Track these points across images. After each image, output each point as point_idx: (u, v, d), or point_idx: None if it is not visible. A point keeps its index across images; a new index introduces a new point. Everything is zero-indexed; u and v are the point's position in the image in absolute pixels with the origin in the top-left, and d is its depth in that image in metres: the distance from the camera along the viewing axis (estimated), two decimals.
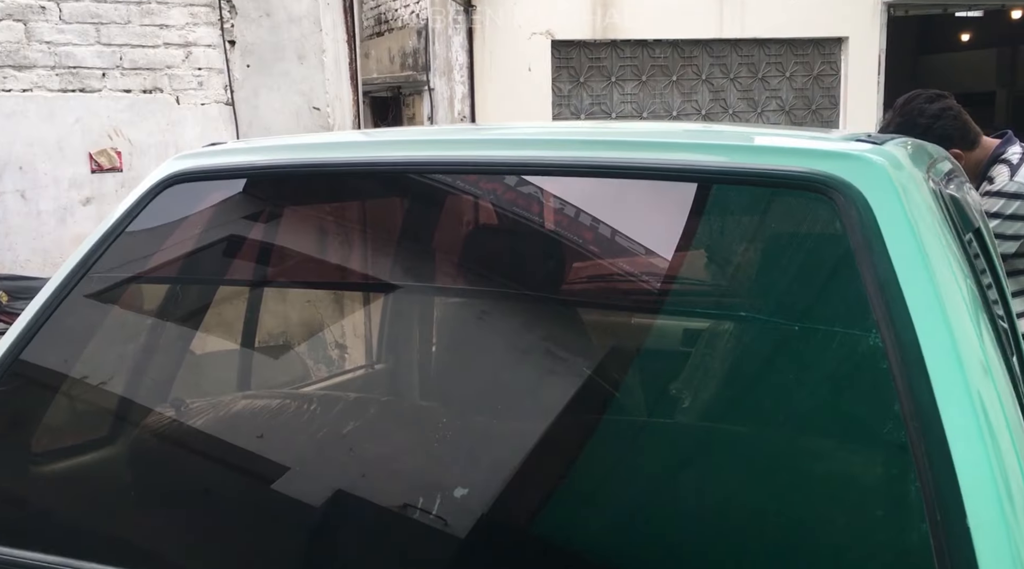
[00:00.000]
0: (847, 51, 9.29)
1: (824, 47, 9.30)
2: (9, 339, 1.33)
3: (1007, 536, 0.82)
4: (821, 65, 9.33)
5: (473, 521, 1.02)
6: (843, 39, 9.25)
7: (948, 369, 0.89)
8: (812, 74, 9.32)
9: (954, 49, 19.85)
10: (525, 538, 1.01)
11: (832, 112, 9.53)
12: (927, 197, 1.06)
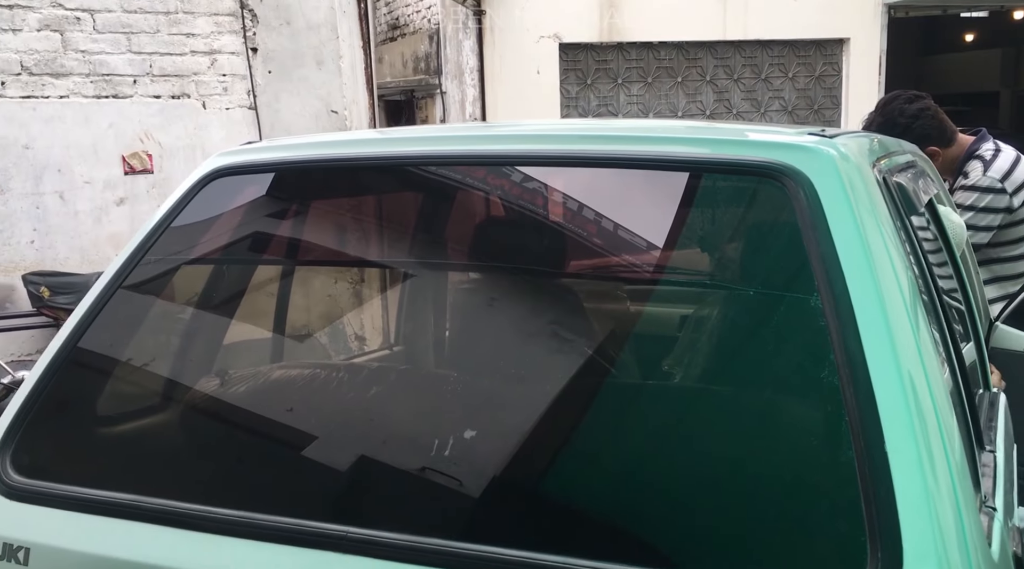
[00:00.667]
0: (848, 52, 9.46)
1: (826, 48, 9.47)
2: (75, 318, 1.54)
3: (918, 459, 1.02)
4: (823, 66, 9.51)
5: (476, 443, 1.26)
6: (844, 40, 9.42)
7: (875, 325, 1.09)
8: (814, 75, 9.49)
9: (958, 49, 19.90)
10: (519, 467, 1.23)
11: (834, 112, 9.70)
12: (869, 184, 1.26)
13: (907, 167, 1.70)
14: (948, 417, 1.11)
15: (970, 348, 1.90)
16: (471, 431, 1.28)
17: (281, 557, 1.18)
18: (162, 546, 1.26)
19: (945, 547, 0.99)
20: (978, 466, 1.32)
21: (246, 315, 1.75)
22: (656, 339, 1.44)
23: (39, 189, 4.28)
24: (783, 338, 1.19)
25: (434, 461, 1.23)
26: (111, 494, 1.33)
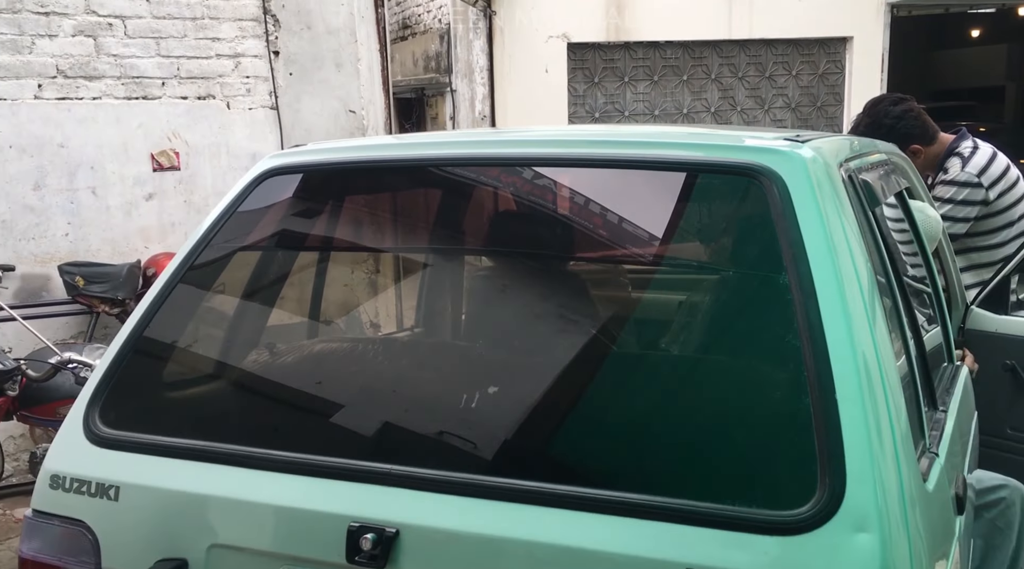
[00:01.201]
0: (851, 50, 9.64)
1: (829, 47, 9.65)
2: (148, 298, 1.77)
3: (861, 407, 1.24)
4: (826, 64, 9.69)
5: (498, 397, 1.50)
6: (847, 39, 9.60)
7: (832, 299, 1.31)
8: (818, 73, 9.68)
9: (965, 45, 19.95)
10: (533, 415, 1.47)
11: (837, 109, 9.88)
12: (834, 182, 1.47)
13: (877, 166, 1.91)
14: (892, 375, 1.33)
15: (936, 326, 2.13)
16: (493, 387, 1.51)
17: (336, 489, 1.41)
18: (224, 481, 1.49)
19: (881, 474, 1.21)
20: (924, 420, 1.54)
21: (290, 296, 1.99)
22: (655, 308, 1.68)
23: (73, 185, 4.52)
24: (757, 308, 1.42)
25: (463, 411, 1.47)
26: (182, 440, 1.57)
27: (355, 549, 1.36)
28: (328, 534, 1.38)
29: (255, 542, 1.46)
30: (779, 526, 1.20)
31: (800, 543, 1.19)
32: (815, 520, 1.19)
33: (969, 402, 2.19)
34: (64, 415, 3.44)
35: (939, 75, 19.78)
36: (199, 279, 1.80)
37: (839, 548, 1.17)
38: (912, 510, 1.24)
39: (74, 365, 3.22)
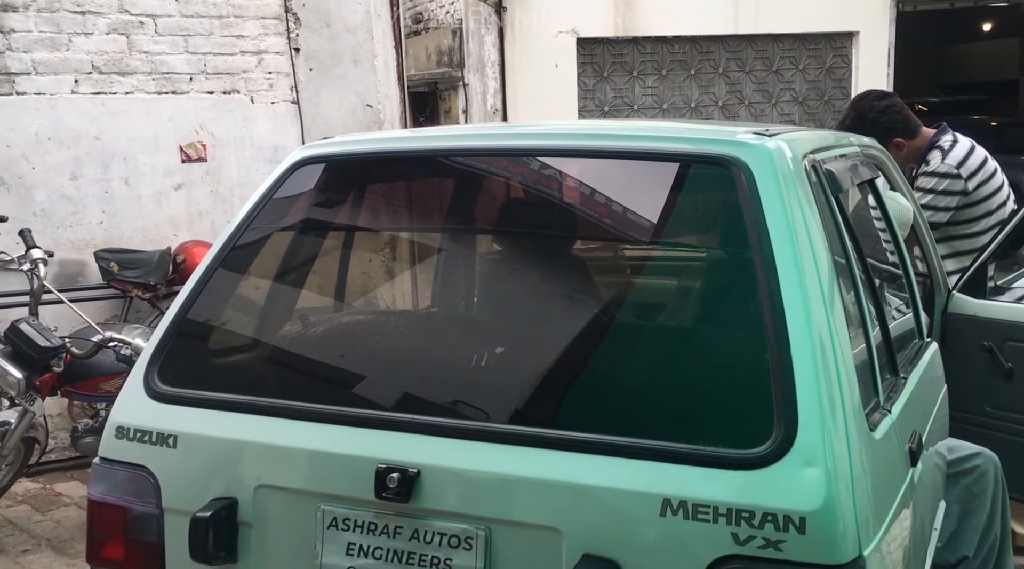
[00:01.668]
0: (858, 45, 9.79)
1: (836, 41, 9.81)
2: (196, 276, 2.00)
3: (812, 363, 1.46)
4: (833, 58, 9.84)
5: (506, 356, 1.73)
6: (854, 33, 9.75)
7: (790, 270, 1.52)
8: (824, 67, 9.83)
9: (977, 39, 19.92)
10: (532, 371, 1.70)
11: (843, 103, 9.99)
12: (796, 170, 1.69)
13: (845, 157, 2.12)
14: (843, 340, 1.55)
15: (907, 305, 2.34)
16: (501, 348, 1.74)
17: (366, 436, 1.64)
18: (268, 430, 1.73)
19: (828, 421, 1.43)
20: (880, 383, 1.76)
21: (320, 274, 2.23)
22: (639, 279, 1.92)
23: (107, 175, 4.77)
24: (726, 280, 1.65)
25: (473, 369, 1.70)
26: (231, 396, 1.81)
27: (382, 486, 1.58)
28: (359, 474, 1.61)
29: (296, 482, 1.69)
30: (742, 462, 1.42)
31: (759, 476, 1.41)
32: (771, 457, 1.41)
33: (935, 375, 2.40)
34: (105, 390, 3.71)
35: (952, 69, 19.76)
36: (240, 258, 2.03)
37: (791, 479, 1.40)
38: (856, 451, 1.46)
39: (115, 343, 3.47)
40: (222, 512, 1.70)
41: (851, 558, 1.38)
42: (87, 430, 3.92)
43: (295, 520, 1.68)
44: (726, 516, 1.41)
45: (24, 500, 4.21)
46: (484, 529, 1.54)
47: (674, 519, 1.43)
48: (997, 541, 2.60)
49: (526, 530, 1.53)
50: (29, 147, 4.56)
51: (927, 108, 15.50)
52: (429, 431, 1.61)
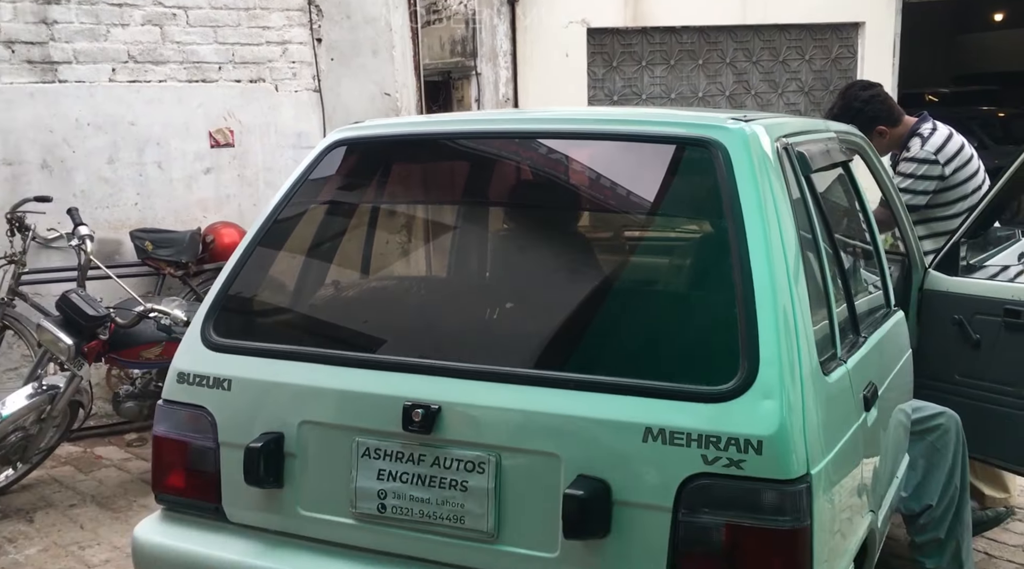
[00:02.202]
0: (864, 35, 9.96)
1: (842, 32, 9.99)
2: (245, 242, 2.28)
3: (773, 315, 1.72)
4: (839, 48, 10.02)
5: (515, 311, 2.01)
6: (860, 24, 9.92)
7: (757, 237, 1.79)
8: (830, 57, 10.02)
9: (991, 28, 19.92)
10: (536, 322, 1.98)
11: None
12: (768, 151, 1.95)
13: (819, 141, 2.37)
14: (802, 297, 1.81)
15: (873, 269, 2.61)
16: (510, 303, 2.03)
17: (394, 379, 1.92)
18: (311, 374, 2.01)
19: (784, 363, 1.70)
20: (838, 337, 2.02)
21: (352, 243, 2.52)
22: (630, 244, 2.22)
23: (142, 159, 5.07)
24: (703, 244, 1.93)
25: (490, 319, 1.98)
26: (278, 346, 2.10)
27: (408, 421, 1.87)
28: (388, 411, 1.89)
29: (334, 418, 1.98)
30: (711, 396, 1.70)
31: (725, 408, 1.69)
32: (736, 392, 1.69)
33: (898, 339, 2.67)
34: (146, 357, 4.02)
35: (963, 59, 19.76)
36: (281, 229, 2.32)
37: (752, 411, 1.67)
38: (808, 390, 1.73)
39: (156, 314, 3.77)
40: (271, 444, 1.99)
41: (799, 475, 1.65)
42: (128, 395, 4.23)
43: (333, 451, 1.97)
44: (697, 441, 1.68)
45: (67, 462, 4.53)
46: (495, 455, 1.82)
47: (654, 444, 1.71)
48: (957, 491, 2.87)
49: (530, 456, 1.81)
50: (70, 132, 4.86)
51: (937, 98, 15.61)
52: (448, 374, 1.90)
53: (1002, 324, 3.11)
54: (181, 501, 2.15)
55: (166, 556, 2.10)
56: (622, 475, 1.73)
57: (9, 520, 3.85)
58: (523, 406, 1.82)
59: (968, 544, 2.93)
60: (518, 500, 1.81)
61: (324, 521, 1.98)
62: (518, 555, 1.82)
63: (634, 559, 1.73)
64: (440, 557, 1.89)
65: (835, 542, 1.80)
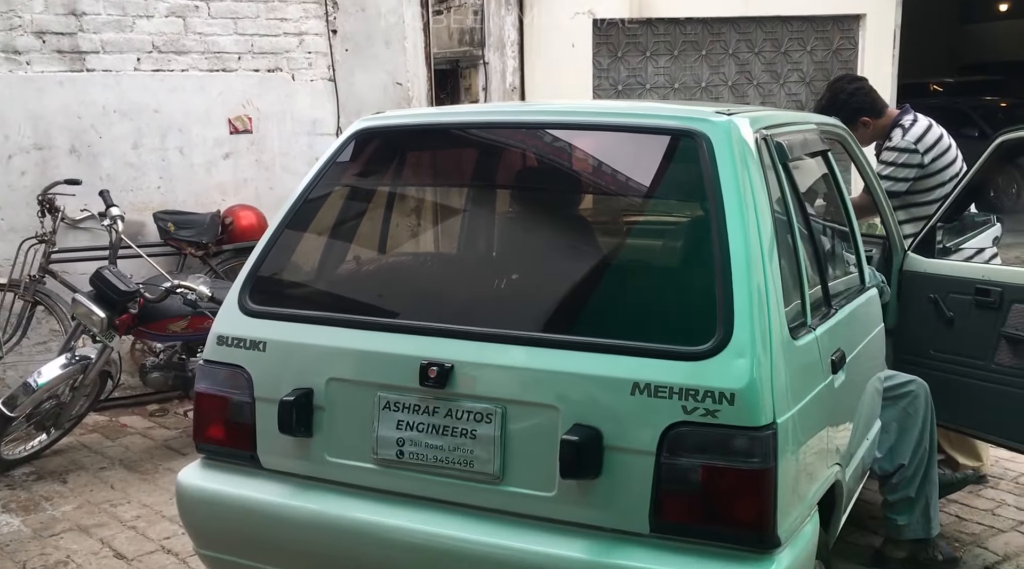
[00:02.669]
0: (864, 27, 10.13)
1: (843, 23, 10.15)
2: (277, 220, 2.52)
3: (747, 286, 1.96)
4: (840, 40, 10.20)
5: (519, 281, 2.26)
6: (861, 16, 10.09)
7: (735, 217, 2.02)
8: (831, 48, 10.19)
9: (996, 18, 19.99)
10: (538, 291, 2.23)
11: None
12: (748, 141, 2.18)
13: (798, 132, 2.60)
14: (774, 270, 2.05)
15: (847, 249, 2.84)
16: (516, 274, 2.27)
17: (412, 340, 2.16)
18: (337, 337, 2.26)
19: (756, 327, 1.94)
20: (809, 308, 2.26)
21: (372, 222, 2.76)
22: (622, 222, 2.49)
23: (164, 145, 5.31)
24: (687, 222, 2.17)
25: (497, 288, 2.23)
26: (307, 311, 2.35)
27: (425, 377, 2.11)
28: (407, 368, 2.14)
29: (358, 375, 2.22)
30: (691, 355, 1.94)
31: (703, 365, 1.93)
32: (713, 351, 1.93)
33: (869, 313, 2.90)
34: (173, 331, 4.29)
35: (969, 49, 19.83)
36: (309, 209, 2.56)
37: (727, 367, 1.91)
38: (776, 350, 1.97)
39: (182, 289, 4.02)
40: (302, 398, 2.24)
41: (766, 423, 1.90)
42: (154, 367, 4.49)
43: (357, 404, 2.21)
44: (678, 394, 1.92)
45: (95, 430, 4.80)
46: (501, 407, 2.07)
47: (641, 397, 1.95)
48: (926, 453, 3.11)
49: (532, 407, 2.05)
50: (97, 119, 5.11)
51: (942, 88, 15.75)
52: (460, 336, 2.14)
53: (973, 302, 3.34)
54: (220, 450, 2.40)
55: (207, 498, 2.36)
56: (612, 424, 1.97)
57: (44, 481, 4.12)
58: (526, 364, 2.06)
59: (935, 502, 3.17)
60: (521, 446, 2.06)
61: (349, 466, 2.23)
62: (520, 494, 2.06)
63: (622, 497, 1.97)
64: (451, 497, 2.14)
65: (799, 484, 2.04)
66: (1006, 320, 3.22)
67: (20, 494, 3.99)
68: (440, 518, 2.13)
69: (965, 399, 3.38)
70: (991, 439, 3.53)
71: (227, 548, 2.37)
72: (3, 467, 4.15)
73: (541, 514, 2.05)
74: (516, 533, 2.06)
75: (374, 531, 2.17)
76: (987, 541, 3.49)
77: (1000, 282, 3.27)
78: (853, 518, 3.44)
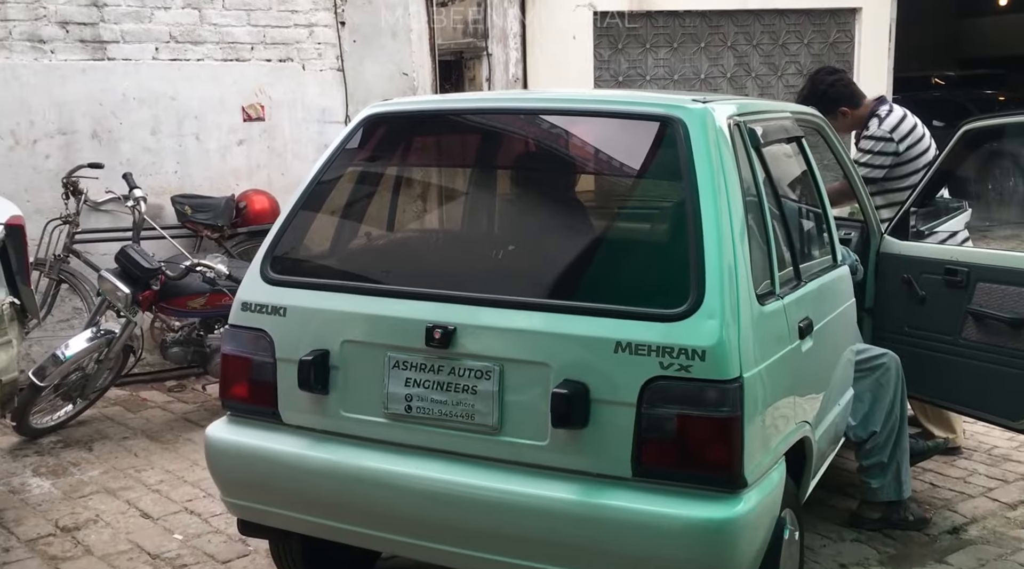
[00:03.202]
0: (861, 20, 10.33)
1: (839, 17, 10.35)
2: (294, 200, 2.75)
3: (719, 257, 2.19)
4: (836, 33, 10.39)
5: (515, 252, 2.51)
6: (857, 9, 10.28)
7: (707, 195, 2.25)
8: (828, 41, 10.38)
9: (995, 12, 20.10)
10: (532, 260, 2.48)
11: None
12: (722, 127, 2.41)
13: (771, 120, 2.82)
14: (743, 243, 2.28)
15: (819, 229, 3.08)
16: (512, 246, 2.52)
17: (419, 305, 2.40)
18: (351, 303, 2.49)
19: (726, 292, 2.17)
20: (777, 279, 2.49)
21: (381, 201, 3.00)
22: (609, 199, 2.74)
23: (181, 131, 5.55)
24: (665, 199, 2.40)
25: (495, 259, 2.47)
26: (324, 280, 2.59)
27: (430, 338, 2.34)
28: (414, 331, 2.37)
29: (370, 337, 2.46)
30: (667, 316, 2.17)
31: (678, 326, 2.16)
32: (687, 314, 2.16)
33: (839, 287, 3.13)
34: (192, 307, 4.55)
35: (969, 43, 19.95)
36: (323, 189, 2.79)
37: (698, 327, 2.15)
38: (744, 314, 2.20)
39: (201, 268, 4.27)
40: (319, 358, 2.47)
41: (733, 377, 2.13)
42: (174, 342, 4.74)
43: (369, 363, 2.45)
44: (656, 351, 2.16)
45: (116, 403, 5.05)
46: (499, 365, 2.30)
47: (623, 355, 2.18)
48: (897, 421, 3.35)
49: (526, 365, 2.29)
50: (117, 106, 5.35)
51: (943, 82, 15.91)
52: (462, 301, 2.38)
53: (943, 281, 3.57)
54: (244, 407, 2.64)
55: (233, 450, 2.60)
56: (598, 379, 2.20)
57: (71, 448, 4.38)
58: (521, 326, 2.30)
59: (906, 467, 3.41)
60: (516, 400, 2.29)
61: (362, 420, 2.47)
62: (516, 443, 2.30)
63: (607, 444, 2.21)
64: (454, 447, 2.38)
65: (764, 434, 2.27)
66: (972, 298, 3.45)
67: (49, 460, 4.24)
68: (444, 466, 2.37)
69: (936, 372, 3.62)
70: (958, 409, 3.77)
71: (251, 495, 2.61)
72: (32, 435, 4.41)
73: (535, 461, 2.29)
74: (512, 478, 2.29)
75: (385, 478, 2.40)
76: (957, 505, 3.73)
77: (967, 263, 3.50)
78: (832, 484, 3.70)
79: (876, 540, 3.39)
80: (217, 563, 3.26)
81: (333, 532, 2.53)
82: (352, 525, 2.47)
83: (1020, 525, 3.55)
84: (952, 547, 3.36)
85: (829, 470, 3.22)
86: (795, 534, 2.57)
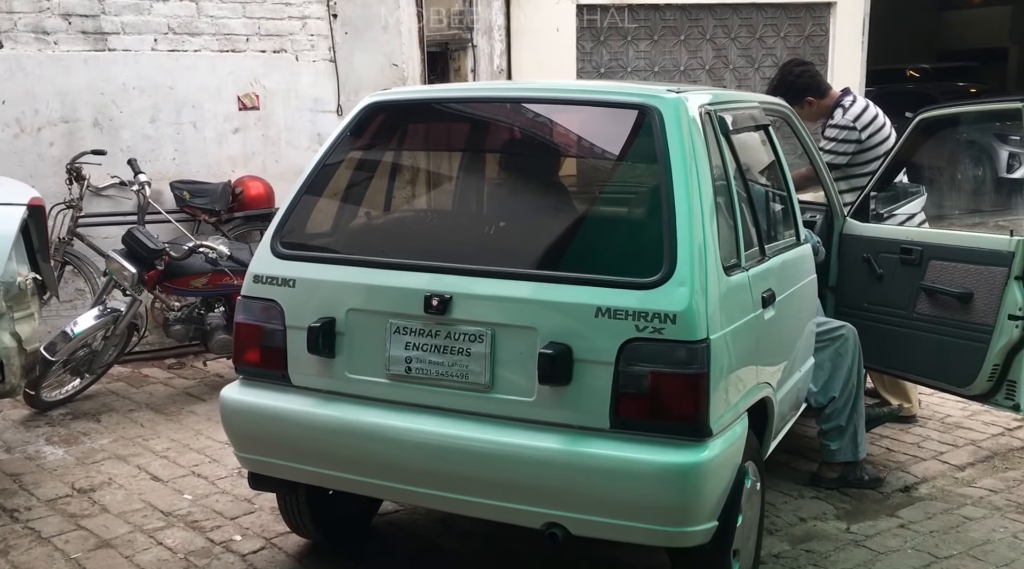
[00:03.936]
0: (835, 15, 10.64)
1: (815, 11, 10.65)
2: (300, 182, 2.99)
3: (689, 232, 2.44)
4: (812, 27, 10.69)
5: (505, 228, 2.78)
6: (832, 4, 10.59)
7: (680, 176, 2.51)
8: (804, 35, 10.68)
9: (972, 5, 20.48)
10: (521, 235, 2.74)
11: (821, 68, 10.87)
12: (694, 115, 2.67)
13: (740, 109, 3.09)
14: (711, 220, 2.54)
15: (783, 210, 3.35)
16: (503, 222, 2.78)
17: (418, 276, 2.64)
18: (355, 274, 2.73)
19: (695, 263, 2.44)
20: (743, 254, 2.76)
21: (380, 184, 3.25)
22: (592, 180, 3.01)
23: (179, 119, 5.75)
24: (641, 180, 2.67)
25: (487, 234, 2.73)
26: (330, 254, 2.83)
27: (428, 306, 2.58)
28: (413, 299, 2.61)
29: (373, 306, 2.70)
30: (643, 284, 2.43)
31: (652, 293, 2.42)
32: (660, 282, 2.42)
33: (801, 264, 3.41)
34: (195, 286, 4.79)
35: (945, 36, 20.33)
36: (327, 172, 3.03)
37: (671, 293, 2.41)
38: (711, 283, 2.46)
39: (204, 249, 4.49)
40: (326, 325, 2.71)
41: (701, 338, 2.40)
42: (176, 320, 4.96)
43: (372, 330, 2.69)
44: (632, 316, 2.42)
45: (119, 379, 5.27)
46: (491, 330, 2.56)
47: (603, 319, 2.44)
48: (854, 387, 3.64)
49: (515, 329, 2.54)
50: (118, 95, 5.54)
51: (919, 74, 16.27)
52: (458, 272, 2.62)
53: (898, 260, 3.87)
54: (256, 371, 2.88)
55: (246, 409, 2.84)
56: (580, 340, 2.46)
57: (80, 420, 4.60)
58: (511, 294, 2.55)
59: (862, 430, 3.71)
60: (506, 361, 2.54)
61: (365, 381, 2.71)
62: (506, 400, 2.55)
63: (588, 399, 2.47)
64: (450, 405, 2.63)
65: (728, 390, 2.54)
66: (924, 274, 3.74)
67: (60, 430, 4.46)
68: (440, 421, 2.62)
69: (893, 344, 3.91)
70: (913, 378, 4.07)
71: (263, 450, 2.86)
72: (42, 407, 4.62)
73: (523, 416, 2.54)
74: (503, 431, 2.55)
75: (386, 433, 2.65)
76: (910, 467, 4.04)
77: (920, 242, 3.79)
78: (794, 449, 3.99)
79: (834, 497, 3.69)
80: (225, 519, 3.50)
81: (338, 482, 2.77)
82: (356, 475, 2.72)
83: (967, 484, 3.86)
84: (903, 503, 3.66)
85: (791, 436, 3.50)
86: (756, 485, 2.85)
